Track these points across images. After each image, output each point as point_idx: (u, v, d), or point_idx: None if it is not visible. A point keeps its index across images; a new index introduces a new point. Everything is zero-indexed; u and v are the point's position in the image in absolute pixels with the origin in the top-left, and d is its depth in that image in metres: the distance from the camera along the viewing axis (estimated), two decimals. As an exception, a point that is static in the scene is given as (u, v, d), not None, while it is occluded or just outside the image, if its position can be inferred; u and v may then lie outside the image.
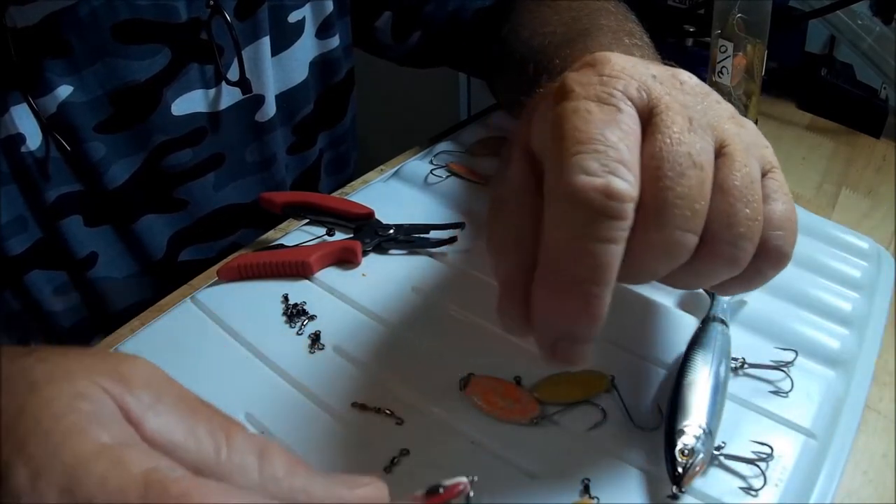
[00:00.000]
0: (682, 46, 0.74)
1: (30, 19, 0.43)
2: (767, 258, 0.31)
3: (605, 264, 0.27)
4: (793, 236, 0.32)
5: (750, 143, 0.31)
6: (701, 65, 0.63)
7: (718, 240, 0.29)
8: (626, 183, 0.27)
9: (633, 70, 0.30)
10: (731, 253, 0.30)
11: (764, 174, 0.31)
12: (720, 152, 0.30)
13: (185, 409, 0.24)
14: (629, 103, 0.29)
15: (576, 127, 0.28)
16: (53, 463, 0.21)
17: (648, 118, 0.29)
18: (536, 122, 0.31)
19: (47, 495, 0.20)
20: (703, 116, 0.30)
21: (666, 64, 0.36)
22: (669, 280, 0.31)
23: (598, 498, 0.32)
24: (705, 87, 0.32)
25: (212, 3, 0.48)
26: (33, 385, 0.23)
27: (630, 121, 0.28)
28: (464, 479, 0.32)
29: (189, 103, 0.51)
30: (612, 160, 0.27)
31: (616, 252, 0.27)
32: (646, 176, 0.28)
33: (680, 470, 0.31)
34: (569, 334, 0.28)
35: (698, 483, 0.33)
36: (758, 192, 0.30)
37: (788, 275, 0.44)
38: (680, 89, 0.31)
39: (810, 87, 0.71)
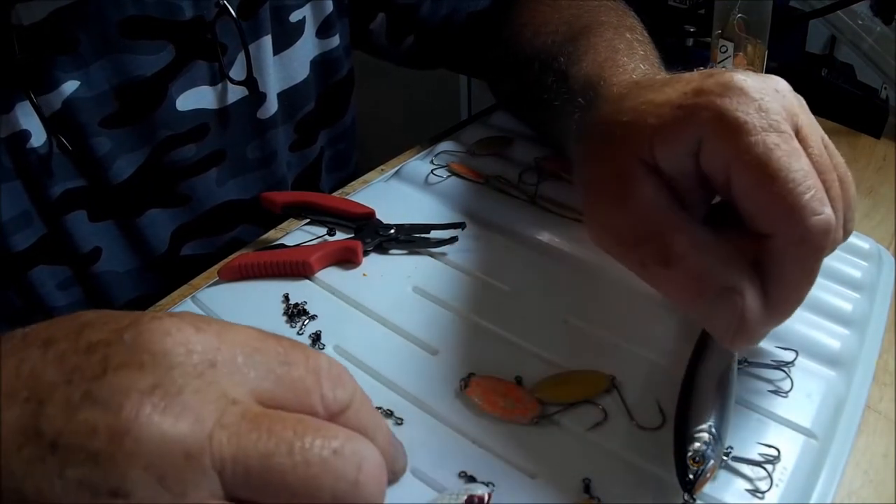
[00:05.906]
0: (683, 46, 0.74)
1: (36, 16, 0.43)
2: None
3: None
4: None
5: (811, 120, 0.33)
6: (701, 65, 0.63)
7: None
8: (832, 210, 0.29)
9: (768, 90, 0.31)
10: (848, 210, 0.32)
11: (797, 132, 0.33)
12: (798, 137, 0.31)
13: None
14: (790, 127, 0.30)
15: (785, 167, 0.29)
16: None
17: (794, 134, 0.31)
18: (665, 140, 0.32)
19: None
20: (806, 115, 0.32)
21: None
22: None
23: (598, 498, 0.33)
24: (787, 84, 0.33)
25: (221, 2, 0.49)
26: (133, 318, 0.24)
27: (798, 144, 0.30)
28: (486, 489, 0.32)
29: (194, 99, 0.51)
30: (822, 191, 0.29)
31: None
32: None
33: (691, 476, 0.31)
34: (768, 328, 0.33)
35: (706, 486, 0.32)
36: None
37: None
38: (782, 97, 0.32)
39: (810, 87, 0.70)
